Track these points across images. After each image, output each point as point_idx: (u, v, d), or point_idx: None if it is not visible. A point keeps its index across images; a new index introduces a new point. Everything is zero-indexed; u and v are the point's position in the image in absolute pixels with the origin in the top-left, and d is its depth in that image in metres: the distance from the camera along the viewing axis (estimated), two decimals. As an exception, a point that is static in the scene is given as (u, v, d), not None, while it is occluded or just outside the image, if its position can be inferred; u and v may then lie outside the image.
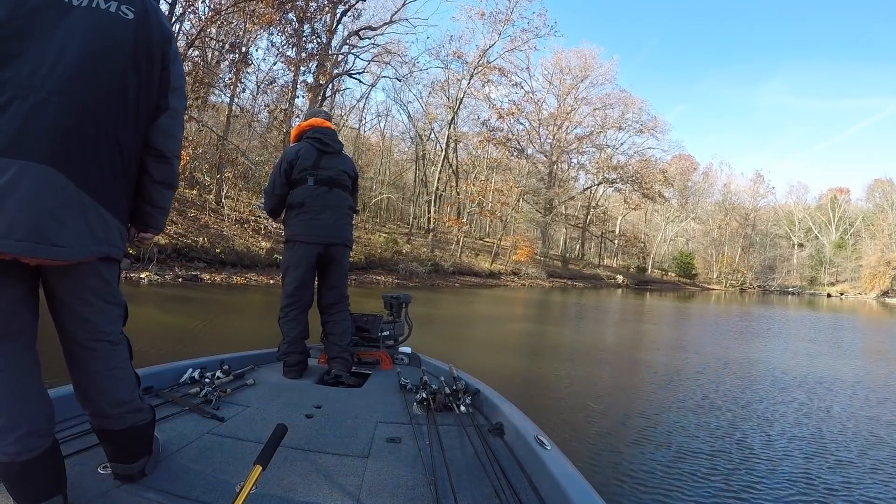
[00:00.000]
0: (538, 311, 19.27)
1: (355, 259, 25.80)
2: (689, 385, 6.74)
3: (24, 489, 1.30)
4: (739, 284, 65.35)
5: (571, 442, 4.12)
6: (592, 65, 49.23)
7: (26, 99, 1.21)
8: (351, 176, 3.38)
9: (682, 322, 18.18)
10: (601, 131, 50.73)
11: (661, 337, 13.08)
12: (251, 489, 1.20)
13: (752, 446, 4.32)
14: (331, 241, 3.20)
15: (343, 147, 3.40)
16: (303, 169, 3.17)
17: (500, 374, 6.75)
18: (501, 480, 1.66)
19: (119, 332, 1.52)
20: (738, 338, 13.39)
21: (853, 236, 69.96)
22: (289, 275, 3.21)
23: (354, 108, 39.46)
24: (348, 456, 1.87)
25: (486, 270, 35.58)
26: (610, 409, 5.43)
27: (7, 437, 1.27)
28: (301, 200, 3.17)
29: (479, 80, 38.66)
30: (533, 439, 1.85)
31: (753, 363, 8.98)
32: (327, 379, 3.05)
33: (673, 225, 65.85)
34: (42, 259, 1.22)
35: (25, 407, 1.31)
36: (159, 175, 1.54)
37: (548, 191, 46.40)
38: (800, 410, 5.68)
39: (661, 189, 55.48)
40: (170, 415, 2.12)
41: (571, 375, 7.06)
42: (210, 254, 19.20)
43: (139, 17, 1.41)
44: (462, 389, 2.58)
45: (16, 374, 1.31)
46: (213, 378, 2.58)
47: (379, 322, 3.64)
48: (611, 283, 48.75)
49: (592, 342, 11.25)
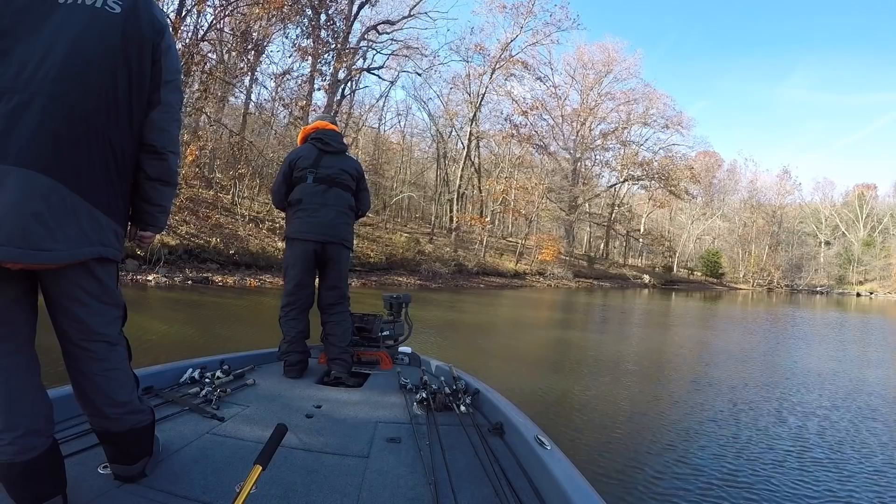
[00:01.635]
0: (570, 316, 17.52)
1: (376, 260, 24.50)
2: (767, 412, 5.41)
3: (23, 490, 1.28)
4: (767, 284, 62.64)
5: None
6: (616, 59, 47.18)
7: (10, 101, 1.18)
8: (353, 176, 3.30)
9: (728, 326, 16.42)
10: (625, 127, 48.45)
11: (714, 345, 11.41)
12: (251, 489, 1.14)
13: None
14: (327, 238, 3.15)
15: (347, 148, 3.37)
16: (302, 167, 3.16)
17: (538, 396, 5.66)
18: (501, 480, 1.64)
19: (117, 334, 1.47)
20: (802, 345, 11.60)
21: (881, 233, 67.68)
22: (288, 273, 3.18)
23: (374, 107, 38.27)
24: (348, 456, 1.85)
25: (510, 271, 33.80)
26: (668, 449, 4.21)
27: (6, 437, 1.25)
28: (299, 197, 3.15)
29: (501, 74, 36.97)
30: (533, 439, 1.81)
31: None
32: (327, 380, 3.00)
33: (698, 223, 63.30)
34: (26, 264, 1.20)
35: (24, 407, 1.29)
36: (154, 172, 1.49)
37: (572, 188, 44.43)
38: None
39: (688, 186, 53.08)
40: (170, 415, 2.07)
41: (617, 398, 5.86)
42: (223, 255, 17.88)
43: (127, 11, 1.35)
44: (462, 389, 2.53)
45: (14, 375, 1.29)
46: (213, 378, 2.52)
47: (379, 322, 3.59)
48: (637, 284, 46.52)
49: (637, 353, 9.69)
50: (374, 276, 23.57)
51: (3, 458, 1.25)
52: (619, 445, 4.25)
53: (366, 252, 24.69)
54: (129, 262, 15.26)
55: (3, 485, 1.30)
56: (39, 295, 1.36)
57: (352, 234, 3.33)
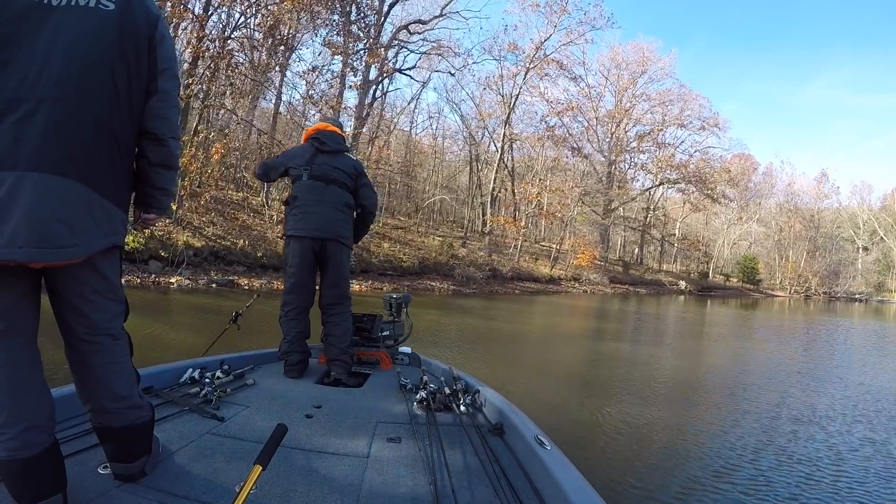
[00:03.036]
0: (614, 326, 15.91)
1: (409, 264, 23.10)
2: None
3: (24, 487, 1.27)
4: (804, 291, 59.40)
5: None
6: (650, 59, 44.88)
7: (17, 109, 1.20)
8: (350, 174, 3.23)
9: (792, 340, 14.67)
10: (661, 129, 46.08)
11: (780, 362, 9.80)
12: (251, 489, 1.13)
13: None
14: (323, 235, 3.08)
15: (346, 149, 3.33)
16: (298, 165, 3.16)
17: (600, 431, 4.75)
18: (501, 480, 1.63)
19: (120, 328, 1.48)
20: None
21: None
22: (286, 272, 3.16)
23: (405, 110, 37.10)
24: (348, 456, 1.83)
25: (545, 276, 31.90)
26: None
27: (8, 432, 1.25)
28: (295, 195, 3.14)
29: (535, 74, 35.32)
30: (533, 439, 1.79)
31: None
32: (327, 380, 2.96)
33: (734, 228, 60.40)
34: (47, 262, 1.22)
35: (27, 403, 1.29)
36: (156, 157, 1.51)
37: (608, 192, 42.43)
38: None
39: (725, 189, 50.42)
40: (170, 415, 2.06)
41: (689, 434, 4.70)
42: (250, 257, 16.68)
43: (121, 6, 1.36)
44: (462, 389, 2.51)
45: (18, 371, 1.29)
46: (213, 378, 2.48)
47: (379, 322, 3.51)
48: (673, 290, 44.04)
49: (703, 371, 8.44)
50: (407, 280, 22.18)
51: (5, 454, 1.24)
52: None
53: (398, 256, 23.34)
54: (152, 264, 14.17)
55: (4, 482, 1.28)
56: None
57: (350, 231, 3.27)
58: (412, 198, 34.53)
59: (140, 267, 13.69)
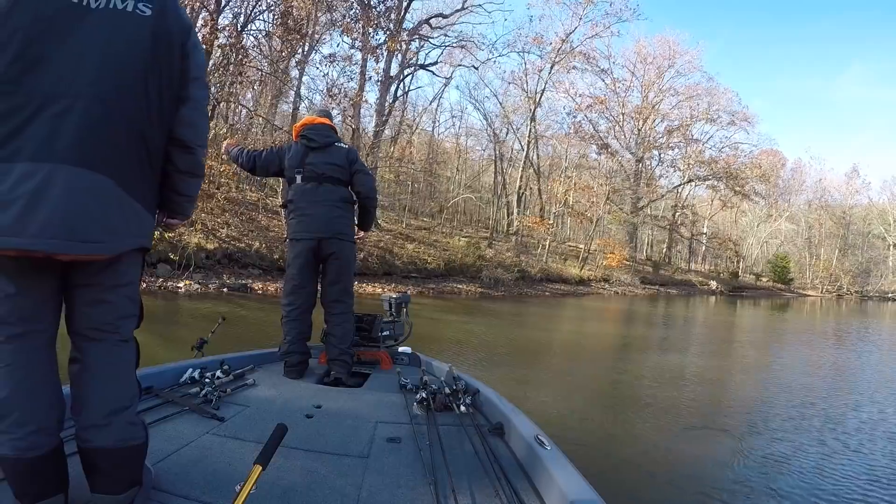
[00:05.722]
0: (658, 332, 14.14)
1: (434, 266, 21.38)
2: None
3: (27, 486, 1.23)
4: (836, 290, 56.18)
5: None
6: (678, 52, 42.47)
7: (54, 106, 1.16)
8: (343, 166, 3.09)
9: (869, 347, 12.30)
10: (689, 124, 43.55)
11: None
12: (251, 489, 1.11)
13: None
14: (321, 235, 3.00)
15: (336, 139, 3.15)
16: (290, 167, 3.07)
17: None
18: (501, 480, 1.59)
19: (129, 332, 1.40)
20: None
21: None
22: (287, 273, 3.10)
23: (427, 110, 35.58)
24: (348, 456, 1.78)
25: (575, 277, 29.80)
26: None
27: (17, 432, 1.21)
28: (292, 198, 3.07)
29: (561, 68, 33.43)
30: (533, 439, 1.74)
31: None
32: (327, 380, 2.90)
33: (765, 225, 57.47)
34: (75, 255, 1.19)
35: (40, 405, 1.24)
36: (184, 165, 1.46)
37: (636, 189, 40.19)
38: None
39: (755, 186, 47.68)
40: (170, 415, 1.97)
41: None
42: (266, 260, 15.14)
43: (156, 13, 1.31)
44: (462, 389, 2.41)
45: (34, 372, 1.24)
46: (214, 378, 2.38)
47: (379, 322, 3.45)
48: (704, 290, 41.57)
49: (778, 389, 6.91)
50: (432, 283, 20.49)
51: (12, 453, 1.20)
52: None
53: (422, 257, 21.63)
54: (160, 268, 12.73)
55: (8, 480, 1.24)
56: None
57: (350, 227, 3.18)
58: (436, 198, 32.90)
59: (147, 271, 12.26)
